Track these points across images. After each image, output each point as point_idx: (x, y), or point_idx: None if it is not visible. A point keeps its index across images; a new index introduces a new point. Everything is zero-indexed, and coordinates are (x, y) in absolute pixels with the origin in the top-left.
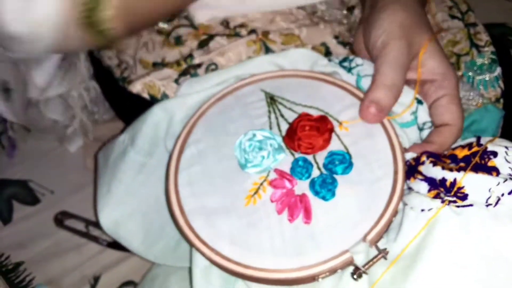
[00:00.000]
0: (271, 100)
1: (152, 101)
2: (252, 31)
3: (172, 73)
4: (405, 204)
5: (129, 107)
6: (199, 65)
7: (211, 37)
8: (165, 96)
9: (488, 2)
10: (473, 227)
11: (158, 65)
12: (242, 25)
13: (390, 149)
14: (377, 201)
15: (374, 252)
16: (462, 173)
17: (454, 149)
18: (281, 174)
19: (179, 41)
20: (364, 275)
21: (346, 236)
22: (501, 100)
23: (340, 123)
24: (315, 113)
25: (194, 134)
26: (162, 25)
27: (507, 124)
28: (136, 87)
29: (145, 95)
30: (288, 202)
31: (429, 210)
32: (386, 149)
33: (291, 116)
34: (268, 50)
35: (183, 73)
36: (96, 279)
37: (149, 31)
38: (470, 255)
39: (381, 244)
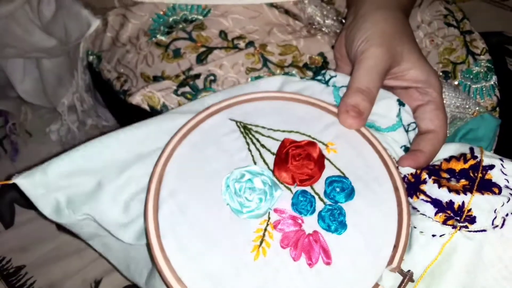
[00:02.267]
0: (245, 129)
1: (152, 112)
2: (250, 43)
3: (171, 84)
4: (413, 227)
5: (130, 117)
6: (197, 76)
7: (209, 49)
8: (164, 107)
9: (484, 11)
10: (485, 250)
11: (158, 78)
12: (240, 37)
13: (383, 165)
14: (388, 223)
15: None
16: (469, 195)
17: (448, 161)
18: (283, 213)
19: (177, 54)
20: None
21: (371, 268)
22: (497, 109)
23: (326, 145)
24: (297, 137)
25: (165, 184)
26: (160, 37)
27: (504, 132)
28: (136, 99)
29: (145, 106)
30: (302, 244)
31: (441, 236)
32: (379, 166)
33: (273, 145)
34: (266, 61)
35: (182, 84)
36: (97, 283)
37: (148, 43)
38: (485, 277)
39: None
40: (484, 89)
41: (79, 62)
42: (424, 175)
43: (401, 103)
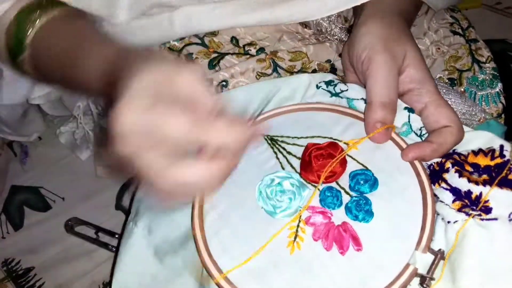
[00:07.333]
0: (272, 141)
1: None
2: (261, 49)
3: None
4: (437, 213)
5: None
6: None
7: (221, 55)
8: None
9: (488, 18)
10: (498, 239)
11: None
12: (251, 44)
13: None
14: (413, 208)
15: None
16: (488, 187)
17: (476, 154)
18: (313, 209)
19: (190, 59)
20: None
21: (400, 251)
22: (503, 116)
23: (348, 144)
24: (320, 141)
25: (207, 199)
26: (173, 42)
27: (509, 139)
28: None
29: None
30: (332, 235)
31: (454, 222)
32: (399, 156)
33: (299, 151)
34: (276, 67)
35: None
36: (106, 285)
37: (161, 48)
38: (498, 266)
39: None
40: (489, 96)
41: None
42: (448, 164)
43: (410, 110)
